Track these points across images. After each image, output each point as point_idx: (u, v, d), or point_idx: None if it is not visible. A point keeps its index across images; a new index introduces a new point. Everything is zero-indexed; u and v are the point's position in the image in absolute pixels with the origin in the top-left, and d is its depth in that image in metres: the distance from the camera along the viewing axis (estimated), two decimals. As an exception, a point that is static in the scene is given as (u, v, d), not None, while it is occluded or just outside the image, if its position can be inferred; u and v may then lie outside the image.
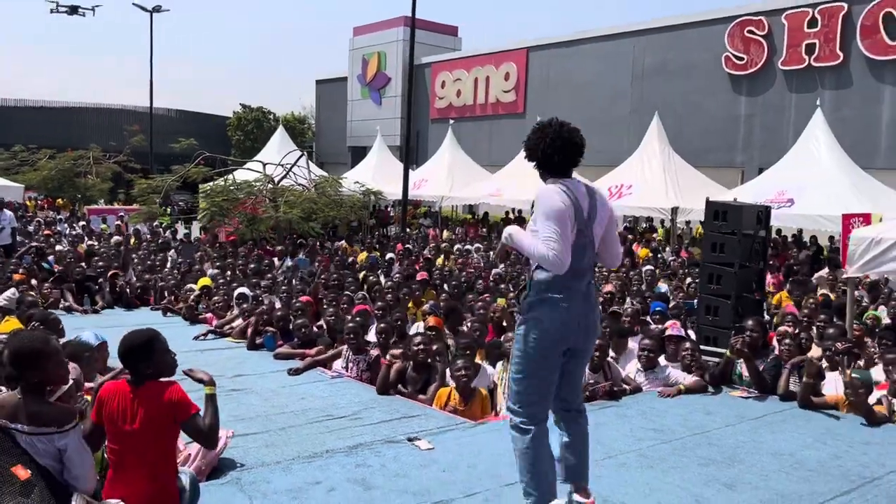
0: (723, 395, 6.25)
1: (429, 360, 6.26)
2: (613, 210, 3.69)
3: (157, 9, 36.55)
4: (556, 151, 3.46)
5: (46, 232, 18.42)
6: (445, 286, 10.95)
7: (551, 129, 3.49)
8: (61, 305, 9.74)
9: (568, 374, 3.62)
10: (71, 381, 3.81)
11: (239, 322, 8.71)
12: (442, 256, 16.07)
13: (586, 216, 3.44)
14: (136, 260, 13.84)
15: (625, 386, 6.30)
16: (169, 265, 13.68)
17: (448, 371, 6.08)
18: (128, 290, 10.97)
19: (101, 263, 11.92)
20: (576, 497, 3.60)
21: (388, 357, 6.38)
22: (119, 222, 22.31)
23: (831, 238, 17.63)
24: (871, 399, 5.58)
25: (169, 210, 23.08)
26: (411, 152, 25.58)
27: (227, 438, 4.46)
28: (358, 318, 7.47)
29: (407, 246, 17.57)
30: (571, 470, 3.64)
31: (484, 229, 23.92)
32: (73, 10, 36.73)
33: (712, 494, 4.15)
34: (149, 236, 19.21)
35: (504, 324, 8.05)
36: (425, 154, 33.90)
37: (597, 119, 29.86)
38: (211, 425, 3.56)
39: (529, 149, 3.56)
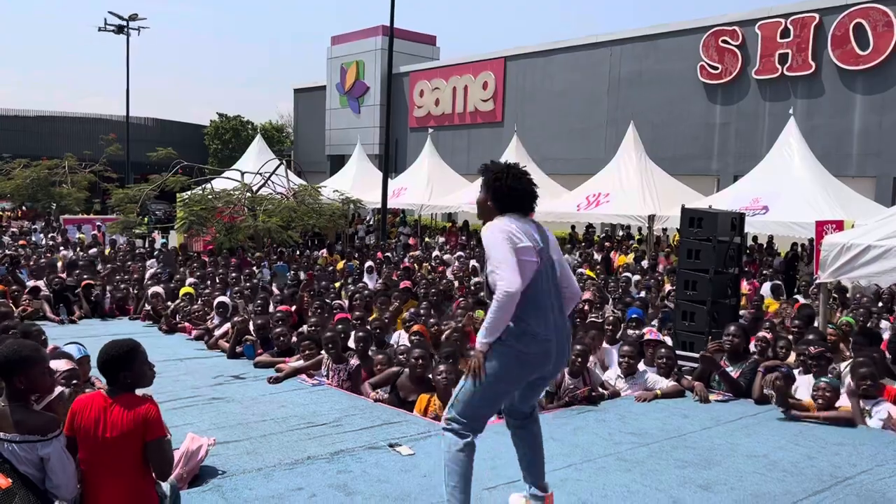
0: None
1: (426, 375, 6.26)
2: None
3: (133, 17, 36.37)
4: (520, 191, 3.64)
5: (22, 242, 18.21)
6: (428, 295, 10.98)
7: (515, 171, 3.68)
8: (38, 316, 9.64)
9: (529, 392, 3.80)
10: (61, 389, 3.82)
11: (217, 332, 8.68)
12: (417, 265, 16.13)
13: (540, 243, 3.58)
14: (109, 268, 13.74)
15: (603, 391, 6.37)
16: (149, 275, 13.59)
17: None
18: (108, 299, 10.89)
19: (77, 273, 11.82)
20: (533, 491, 3.82)
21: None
22: (96, 232, 22.11)
23: (803, 246, 17.94)
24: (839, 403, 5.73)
25: (146, 220, 22.92)
26: (390, 161, 25.63)
27: (208, 446, 4.46)
28: (339, 327, 7.49)
29: (387, 254, 17.60)
30: (530, 469, 3.85)
31: (464, 237, 24.01)
32: (120, 28, 37.45)
33: (689, 496, 4.22)
34: (125, 246, 19.07)
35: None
36: (404, 162, 33.98)
37: (574, 128, 30.18)
38: (170, 460, 3.59)
39: (494, 187, 3.64)
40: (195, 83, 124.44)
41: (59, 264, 14.22)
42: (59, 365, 4.28)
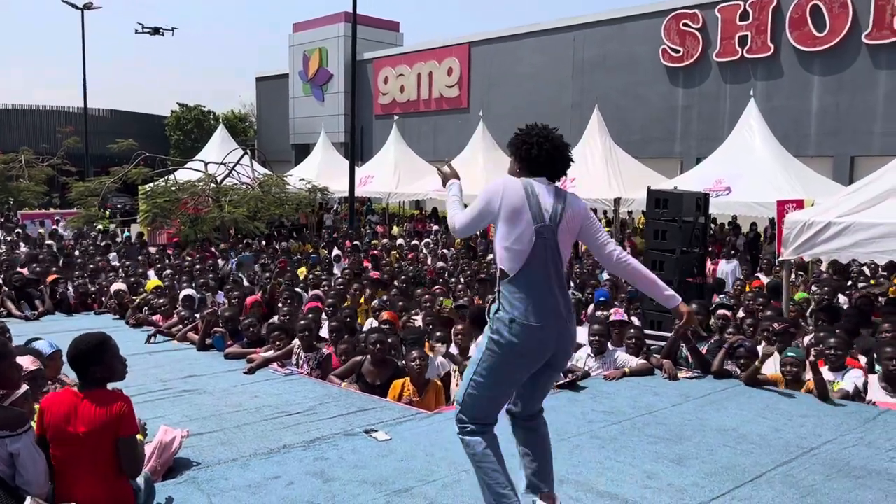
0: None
1: (386, 356, 6.28)
2: (588, 214, 3.46)
3: (88, 6, 35.48)
4: (541, 152, 3.37)
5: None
6: (395, 282, 10.99)
7: (539, 130, 3.47)
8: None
9: (539, 386, 3.51)
10: (25, 388, 3.75)
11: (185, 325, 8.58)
12: (385, 252, 16.11)
13: (547, 218, 3.26)
14: (68, 262, 13.50)
15: (571, 375, 6.42)
16: (113, 266, 13.37)
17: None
18: (71, 294, 10.69)
19: (38, 269, 11.58)
20: (539, 502, 3.48)
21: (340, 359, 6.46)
22: (55, 226, 21.67)
23: (765, 229, 18.29)
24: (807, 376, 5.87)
25: (108, 213, 22.51)
26: (356, 149, 25.47)
27: (182, 438, 4.42)
28: (310, 316, 7.46)
29: (355, 243, 17.54)
30: (535, 477, 3.51)
31: (432, 224, 24.01)
32: (156, 30, 38.42)
33: (661, 470, 4.30)
34: (85, 241, 18.73)
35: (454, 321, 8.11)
36: (370, 150, 33.82)
37: (539, 112, 30.15)
38: (141, 458, 3.59)
39: (518, 150, 3.44)
40: (154, 73, 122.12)
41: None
42: (23, 362, 4.19)
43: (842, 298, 9.77)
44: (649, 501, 3.88)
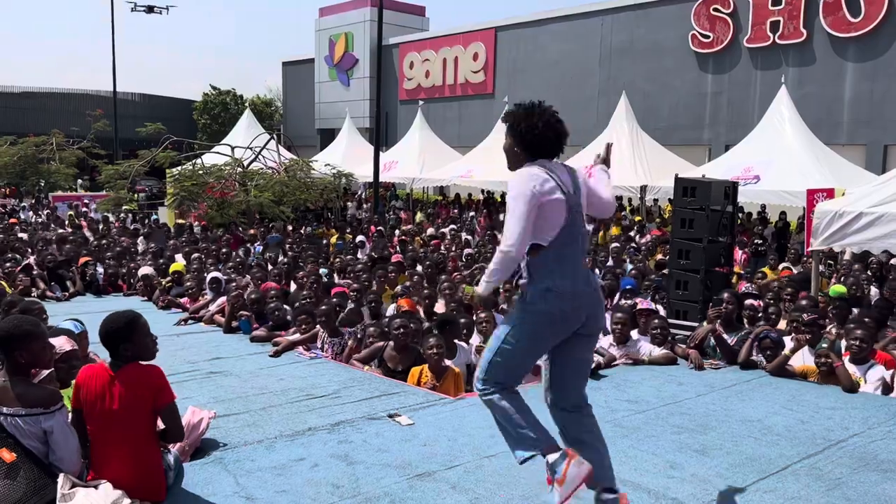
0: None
1: (409, 343, 6.31)
2: (586, 175, 3.58)
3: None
4: (548, 134, 3.38)
5: (12, 220, 18.11)
6: (419, 268, 11.00)
7: (541, 112, 3.40)
8: (34, 294, 9.61)
9: (576, 363, 3.48)
10: (50, 369, 3.83)
11: (213, 307, 8.68)
12: (410, 238, 16.13)
13: (572, 191, 3.34)
14: (97, 244, 13.71)
15: (599, 358, 6.41)
16: (141, 249, 13.56)
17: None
18: (101, 275, 10.87)
19: (69, 250, 11.79)
20: (604, 496, 3.36)
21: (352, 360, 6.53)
22: (86, 209, 22.00)
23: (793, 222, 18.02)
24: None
25: (136, 196, 22.78)
26: (381, 134, 25.48)
27: (209, 419, 4.49)
28: (335, 300, 7.50)
29: (379, 228, 17.58)
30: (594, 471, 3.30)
31: (455, 210, 24.00)
32: (150, 9, 39.08)
33: (685, 460, 4.29)
34: (118, 223, 19.00)
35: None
36: (395, 136, 33.78)
37: (566, 98, 29.97)
38: (181, 423, 3.70)
39: (520, 132, 3.37)
40: (181, 57, 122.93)
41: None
42: (59, 342, 4.28)
43: (874, 291, 9.61)
44: (673, 491, 3.87)
